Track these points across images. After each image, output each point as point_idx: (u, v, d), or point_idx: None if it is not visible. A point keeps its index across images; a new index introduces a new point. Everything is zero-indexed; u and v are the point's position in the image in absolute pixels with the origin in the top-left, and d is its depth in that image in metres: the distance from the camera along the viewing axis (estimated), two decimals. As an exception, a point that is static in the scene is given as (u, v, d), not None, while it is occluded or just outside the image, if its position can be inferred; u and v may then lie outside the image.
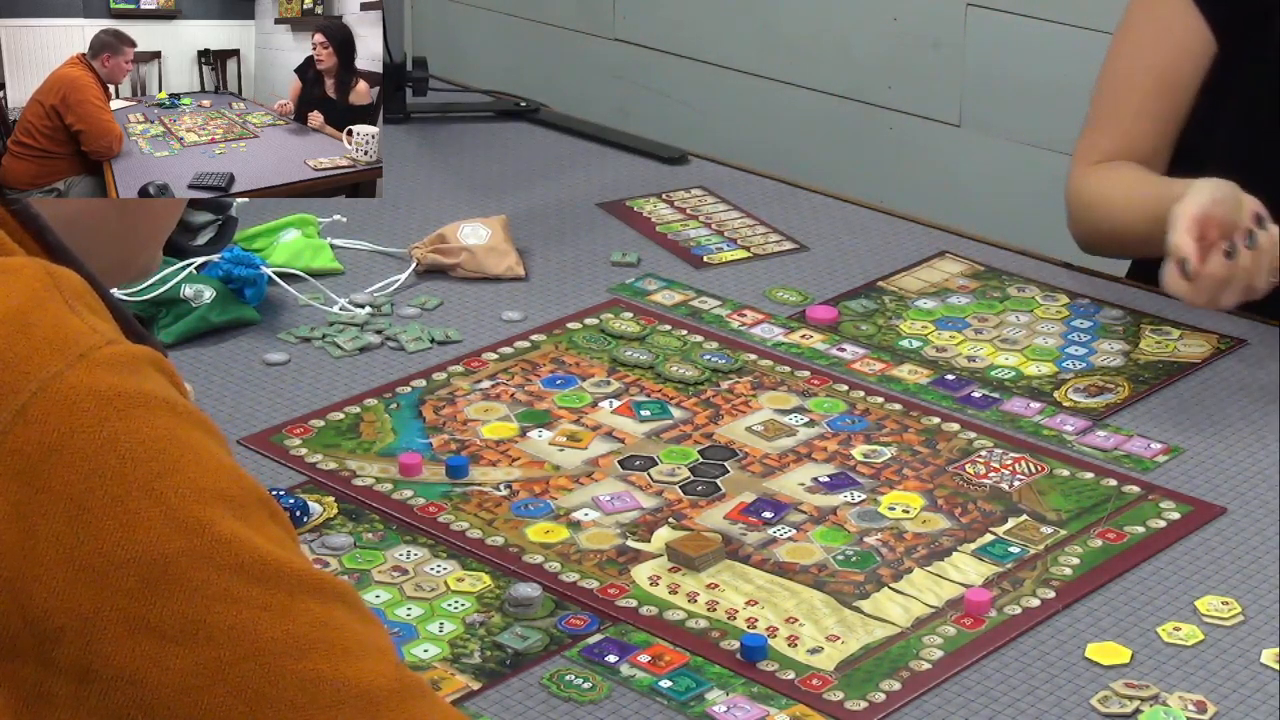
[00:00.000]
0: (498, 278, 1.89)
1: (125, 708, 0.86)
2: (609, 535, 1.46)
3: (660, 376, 1.69)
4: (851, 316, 1.82)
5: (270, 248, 1.88)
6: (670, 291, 1.87)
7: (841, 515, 1.49)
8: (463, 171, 2.18)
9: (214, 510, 0.87)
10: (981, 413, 1.65)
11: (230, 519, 0.87)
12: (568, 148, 2.26)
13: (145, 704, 0.85)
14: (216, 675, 0.85)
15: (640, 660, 1.32)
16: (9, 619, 0.86)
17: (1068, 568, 1.42)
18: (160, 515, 0.86)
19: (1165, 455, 1.58)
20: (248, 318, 1.78)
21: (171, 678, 0.85)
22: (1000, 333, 1.80)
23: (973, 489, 1.53)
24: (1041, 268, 1.94)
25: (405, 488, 1.51)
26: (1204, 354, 1.76)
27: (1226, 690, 1.29)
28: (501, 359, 1.73)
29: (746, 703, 1.27)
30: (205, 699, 0.85)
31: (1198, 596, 1.40)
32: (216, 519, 0.87)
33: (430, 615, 1.36)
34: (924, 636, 1.34)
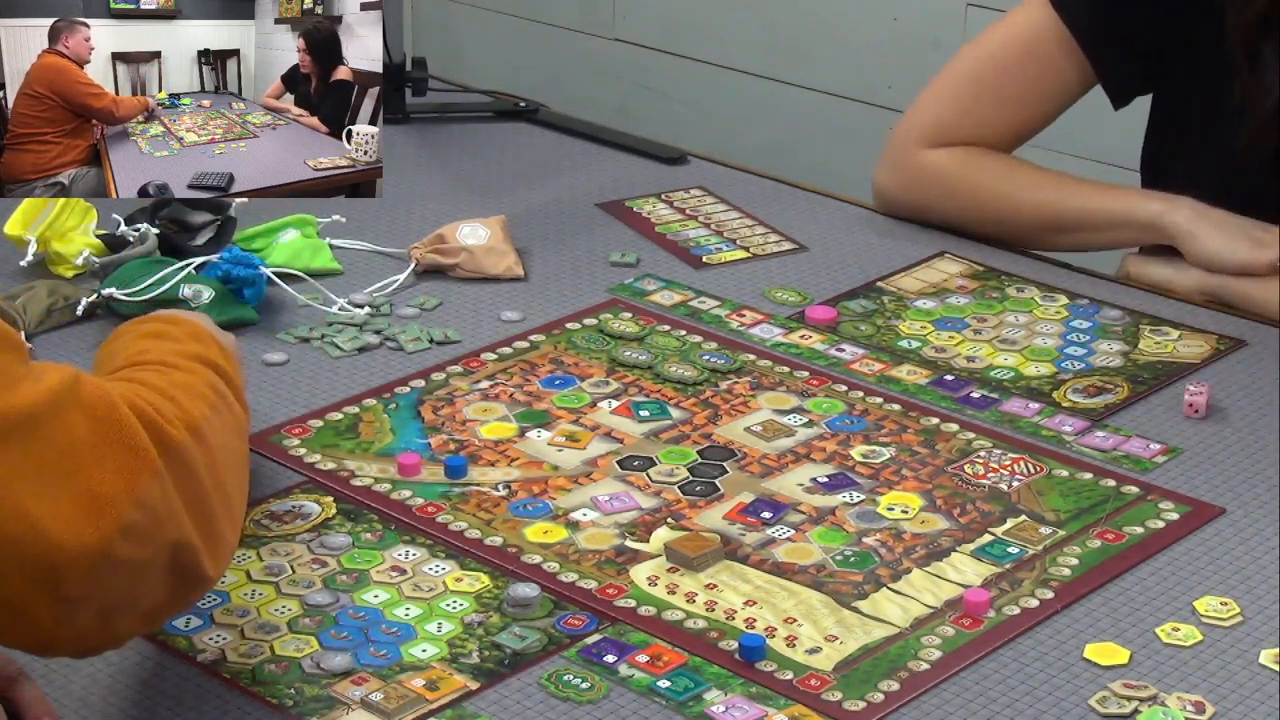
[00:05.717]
0: (497, 278, 1.89)
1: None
2: (607, 535, 1.46)
3: (659, 377, 1.69)
4: (851, 317, 1.82)
5: (269, 248, 1.88)
6: (669, 292, 1.87)
7: (840, 515, 1.49)
8: (462, 172, 2.18)
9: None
10: (980, 413, 1.65)
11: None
12: (567, 148, 2.26)
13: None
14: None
15: (639, 660, 1.32)
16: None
17: (1066, 568, 1.42)
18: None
19: (1164, 456, 1.58)
20: (246, 318, 1.78)
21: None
22: (999, 333, 1.80)
23: (971, 489, 1.53)
24: (1040, 268, 1.94)
25: (404, 488, 1.52)
26: (1203, 354, 1.76)
27: (1225, 691, 1.29)
28: (500, 359, 1.73)
29: (745, 703, 1.27)
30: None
31: (1196, 597, 1.40)
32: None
33: (429, 615, 1.36)
34: (922, 637, 1.34)
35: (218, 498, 1.18)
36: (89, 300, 1.77)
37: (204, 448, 1.17)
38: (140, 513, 1.09)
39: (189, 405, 1.19)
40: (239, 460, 1.27)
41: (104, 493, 1.07)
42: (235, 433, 1.28)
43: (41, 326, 1.76)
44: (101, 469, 1.07)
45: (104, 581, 1.08)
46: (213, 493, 1.17)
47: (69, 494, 1.06)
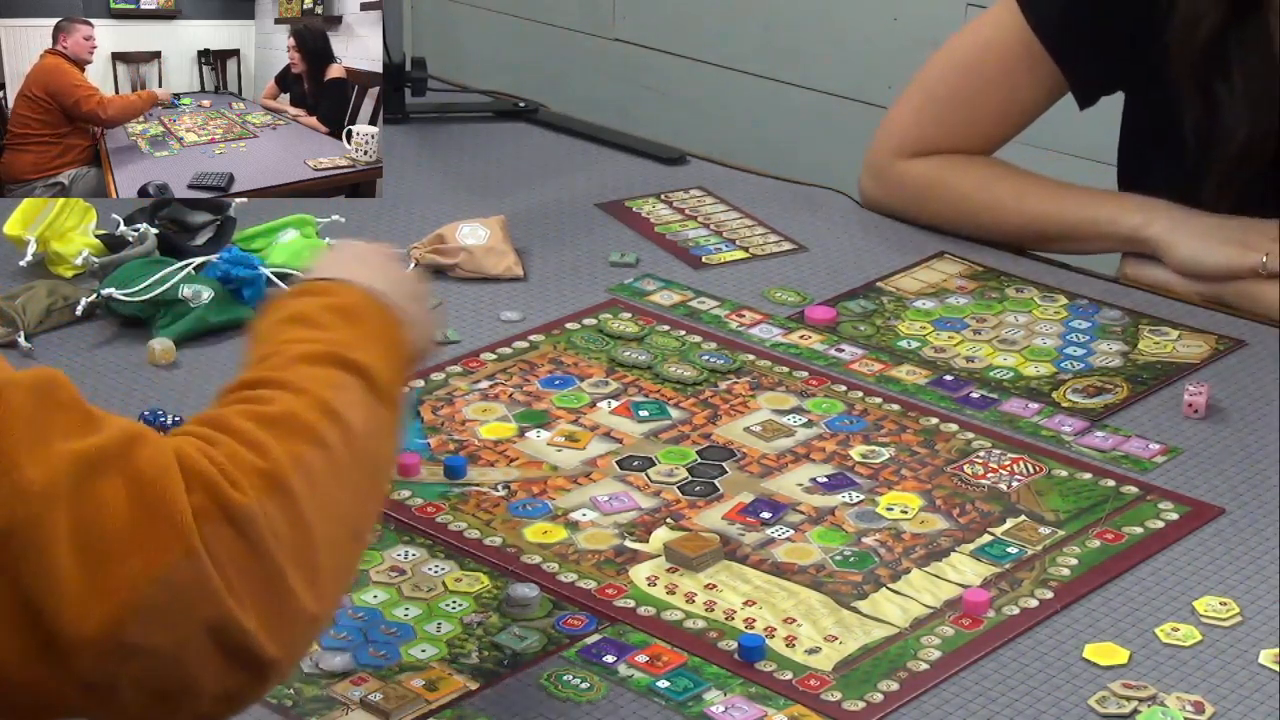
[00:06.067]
0: (496, 278, 1.89)
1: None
2: (607, 535, 1.46)
3: (658, 377, 1.69)
4: (850, 317, 1.82)
5: (269, 248, 1.88)
6: (669, 292, 1.87)
7: (839, 516, 1.49)
8: (461, 172, 2.18)
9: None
10: (980, 413, 1.65)
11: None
12: (566, 148, 2.26)
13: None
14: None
15: (638, 660, 1.32)
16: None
17: (1066, 568, 1.42)
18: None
19: (1164, 456, 1.58)
20: (246, 318, 1.77)
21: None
22: (999, 333, 1.80)
23: (971, 489, 1.53)
24: (1040, 268, 1.94)
25: (403, 488, 1.51)
26: (1203, 354, 1.76)
27: (1225, 691, 1.29)
28: (500, 359, 1.73)
29: (744, 703, 1.27)
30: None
31: (1196, 597, 1.40)
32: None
33: (428, 615, 1.36)
34: (922, 637, 1.34)
35: (294, 563, 1.02)
36: (88, 300, 1.77)
37: (282, 502, 1.03)
38: (163, 593, 0.97)
39: (280, 447, 1.05)
40: (349, 501, 1.10)
41: (119, 572, 0.96)
42: (351, 465, 1.10)
43: (41, 327, 1.76)
44: (124, 545, 0.96)
45: (125, 665, 0.97)
46: (284, 559, 1.02)
47: (82, 570, 0.95)
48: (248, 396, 1.10)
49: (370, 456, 1.13)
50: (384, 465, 1.17)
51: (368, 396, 1.13)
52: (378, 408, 1.14)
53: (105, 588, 0.95)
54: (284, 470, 1.04)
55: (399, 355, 1.19)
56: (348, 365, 1.14)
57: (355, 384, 1.13)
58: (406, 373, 1.21)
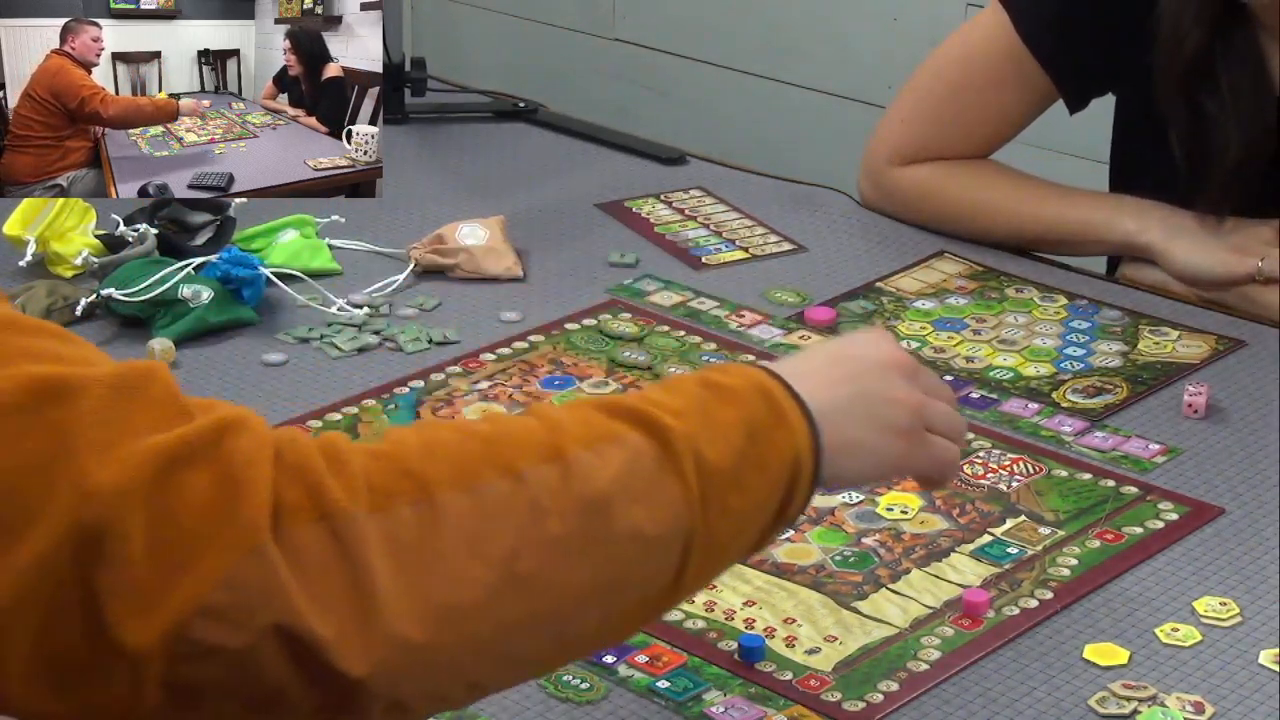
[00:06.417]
0: (496, 278, 1.89)
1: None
2: (607, 536, 1.46)
3: (658, 377, 1.69)
4: (850, 317, 1.82)
5: (268, 248, 1.88)
6: (669, 292, 1.87)
7: (839, 516, 1.49)
8: (461, 172, 2.18)
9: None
10: (980, 413, 1.65)
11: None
12: (566, 148, 2.26)
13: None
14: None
15: (638, 660, 1.32)
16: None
17: (1066, 568, 1.42)
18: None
19: (1163, 456, 1.58)
20: (246, 318, 1.78)
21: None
22: (998, 333, 1.80)
23: (971, 490, 1.53)
24: (1040, 269, 1.94)
25: (403, 488, 1.51)
26: (1203, 354, 1.76)
27: (1224, 691, 1.29)
28: (499, 360, 1.73)
29: (744, 703, 1.27)
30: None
31: (1196, 597, 1.40)
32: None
33: (428, 616, 1.36)
34: (922, 637, 1.34)
35: (399, 581, 0.94)
36: (88, 300, 1.77)
37: (421, 516, 0.95)
38: (227, 593, 0.91)
39: (440, 468, 0.97)
40: (536, 551, 0.98)
41: (191, 570, 0.91)
42: (555, 514, 0.98)
43: (41, 327, 1.75)
44: (199, 542, 0.91)
45: (200, 667, 0.92)
46: (385, 575, 0.94)
47: (153, 570, 0.91)
48: (485, 409, 1.03)
49: (603, 517, 1.00)
50: (624, 540, 1.01)
51: (644, 463, 1.02)
52: (663, 477, 1.02)
53: (173, 587, 0.91)
54: (431, 484, 0.97)
55: (755, 451, 1.06)
56: (642, 423, 1.03)
57: (635, 444, 1.02)
58: (770, 478, 1.07)
